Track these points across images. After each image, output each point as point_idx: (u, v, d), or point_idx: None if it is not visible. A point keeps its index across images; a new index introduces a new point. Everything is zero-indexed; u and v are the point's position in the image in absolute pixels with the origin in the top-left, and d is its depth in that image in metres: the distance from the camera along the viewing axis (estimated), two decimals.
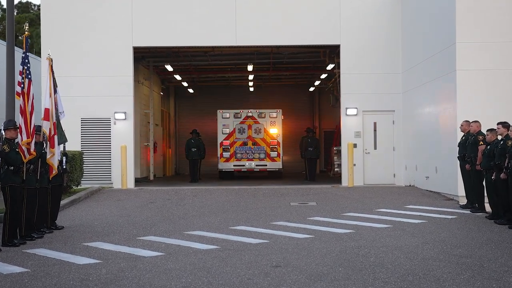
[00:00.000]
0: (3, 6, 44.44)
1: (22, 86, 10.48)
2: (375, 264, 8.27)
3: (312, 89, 30.78)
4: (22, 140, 10.13)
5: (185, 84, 29.67)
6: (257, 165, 24.39)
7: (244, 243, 9.94)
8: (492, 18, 15.37)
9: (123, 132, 19.75)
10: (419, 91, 18.37)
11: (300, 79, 30.21)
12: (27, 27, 11.04)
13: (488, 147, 12.41)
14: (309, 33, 20.07)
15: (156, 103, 26.64)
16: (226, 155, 24.35)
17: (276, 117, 24.68)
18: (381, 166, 19.94)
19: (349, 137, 19.93)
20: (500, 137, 12.10)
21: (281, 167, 24.58)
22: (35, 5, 55.54)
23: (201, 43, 20.41)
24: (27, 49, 10.76)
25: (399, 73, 20.01)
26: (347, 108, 19.97)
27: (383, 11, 20.16)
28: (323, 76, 26.73)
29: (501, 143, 11.84)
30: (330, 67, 24.03)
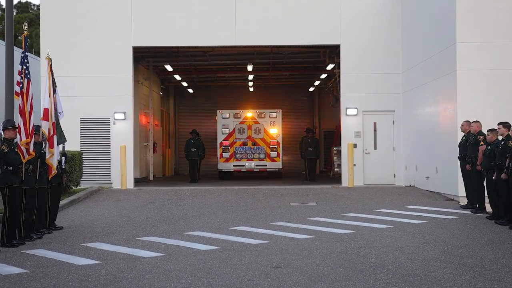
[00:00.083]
0: (2, 6, 44.40)
1: (21, 86, 10.46)
2: (376, 264, 8.23)
3: (312, 89, 30.75)
4: (21, 140, 10.10)
5: (185, 84, 29.64)
6: (257, 165, 24.36)
7: (244, 244, 9.90)
8: (492, 18, 15.35)
9: (122, 132, 19.72)
10: (419, 91, 18.34)
11: (300, 79, 30.18)
12: (26, 27, 11.01)
13: (488, 147, 12.38)
14: (309, 33, 20.04)
15: (155, 103, 26.61)
16: (225, 155, 24.33)
17: (276, 117, 24.65)
18: (381, 166, 19.92)
19: (349, 137, 19.90)
20: (500, 137, 12.07)
21: (280, 167, 24.54)
22: (34, 5, 55.52)
23: (200, 42, 20.38)
24: (26, 49, 10.73)
25: (399, 73, 19.98)
26: (347, 108, 19.95)
27: (383, 11, 20.13)
28: (323, 76, 26.70)
29: (502, 143, 11.82)
30: (330, 67, 24.00)
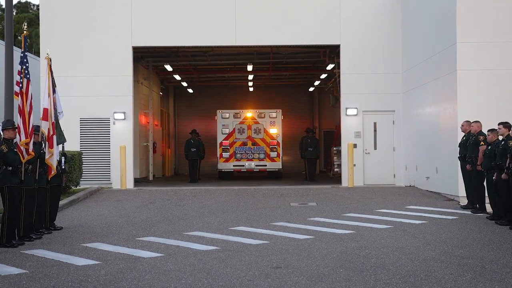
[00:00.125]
0: (2, 6, 44.38)
1: (20, 85, 10.43)
2: (376, 265, 8.21)
3: (311, 89, 30.74)
4: (20, 140, 10.07)
5: (185, 84, 29.62)
6: (256, 165, 24.33)
7: (244, 244, 9.88)
8: (492, 17, 15.33)
9: (122, 132, 19.70)
10: (419, 91, 18.32)
11: (300, 79, 30.16)
12: (25, 27, 10.99)
13: (489, 147, 12.36)
14: (309, 33, 20.01)
15: (155, 103, 26.58)
16: (225, 155, 24.30)
17: (275, 117, 24.63)
18: (381, 166, 19.90)
19: (349, 137, 19.88)
20: (501, 138, 12.05)
21: (280, 167, 24.52)
22: (34, 5, 55.50)
23: (200, 42, 20.35)
24: (26, 49, 10.70)
25: (399, 73, 19.96)
26: (347, 108, 19.93)
27: (383, 11, 20.11)
28: (323, 76, 26.68)
29: (502, 143, 11.80)
30: (330, 67, 23.99)
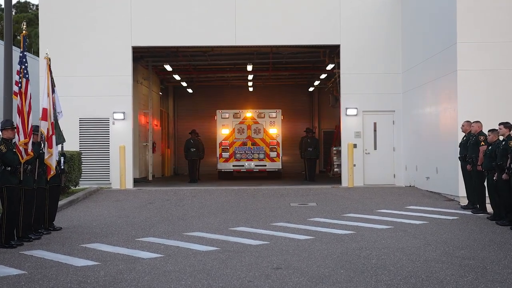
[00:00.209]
0: (1, 5, 44.34)
1: (19, 85, 10.39)
2: (377, 266, 8.17)
3: (311, 89, 30.70)
4: (19, 140, 10.03)
5: (184, 84, 29.57)
6: (256, 166, 24.29)
7: (244, 245, 9.84)
8: (492, 17, 15.30)
9: (121, 132, 19.65)
10: (419, 91, 18.28)
11: (299, 79, 30.13)
12: (24, 27, 10.95)
13: (489, 147, 12.32)
14: (309, 33, 19.98)
15: (155, 103, 26.54)
16: (225, 155, 24.26)
17: (275, 117, 24.60)
18: (381, 166, 19.86)
19: (349, 137, 19.84)
20: (501, 138, 12.02)
21: (280, 168, 24.48)
22: (33, 5, 55.46)
23: (200, 42, 20.32)
24: (25, 49, 10.66)
25: (399, 73, 19.93)
26: (347, 108, 19.89)
27: (383, 11, 20.08)
28: (323, 76, 26.65)
29: (503, 143, 11.76)
30: (330, 67, 23.95)
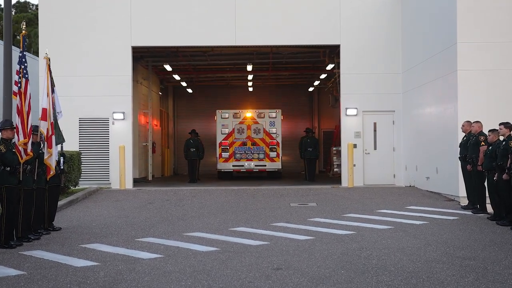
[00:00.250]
0: (0, 5, 44.28)
1: (19, 85, 10.36)
2: (378, 266, 8.14)
3: (311, 89, 30.68)
4: (19, 140, 10.00)
5: (184, 84, 29.55)
6: (256, 166, 24.27)
7: (244, 245, 9.81)
8: (492, 17, 15.28)
9: (121, 132, 19.62)
10: (420, 91, 18.26)
11: (299, 79, 30.10)
12: (24, 26, 10.93)
13: (490, 147, 12.30)
14: (309, 33, 19.95)
15: (154, 103, 26.51)
16: (225, 155, 24.24)
17: (275, 117, 24.57)
18: (381, 166, 19.84)
19: (349, 137, 19.82)
20: (502, 138, 12.00)
21: (280, 168, 24.46)
22: (33, 5, 55.43)
23: (200, 42, 20.29)
24: (25, 48, 10.63)
25: (399, 73, 19.91)
26: (347, 108, 19.87)
27: (383, 11, 20.06)
28: (323, 76, 26.63)
29: (503, 143, 11.75)
30: (330, 67, 23.93)
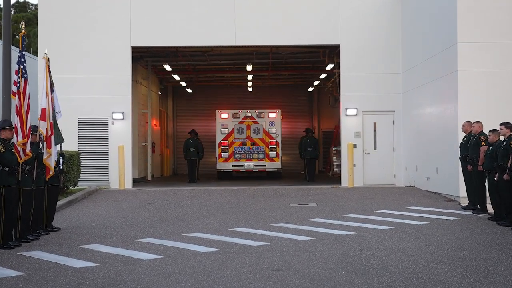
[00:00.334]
0: (0, 5, 44.21)
1: (18, 85, 10.32)
2: (379, 267, 8.10)
3: (311, 89, 30.65)
4: (17, 140, 9.96)
5: (184, 84, 29.51)
6: (256, 166, 24.24)
7: (244, 246, 9.76)
8: (492, 17, 15.25)
9: (120, 132, 19.58)
10: (420, 92, 18.23)
11: (299, 79, 30.07)
12: (23, 26, 10.89)
13: (490, 148, 12.27)
14: (309, 33, 19.91)
15: (154, 103, 26.47)
16: (224, 155, 24.21)
17: (275, 117, 24.55)
18: (381, 166, 19.81)
19: (349, 137, 19.78)
20: (502, 138, 11.97)
21: (280, 168, 24.42)
22: (32, 5, 55.37)
23: (200, 42, 20.25)
24: (24, 48, 10.59)
25: (399, 73, 19.87)
26: (346, 108, 19.83)
27: (383, 11, 20.02)
28: (322, 76, 26.59)
29: (504, 143, 11.71)
30: (329, 67, 23.90)
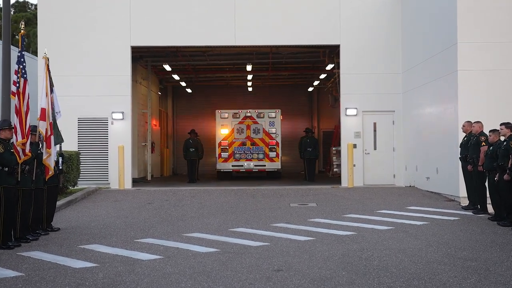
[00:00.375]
0: None
1: (17, 85, 10.29)
2: (379, 267, 8.08)
3: (311, 89, 30.63)
4: (17, 140, 9.94)
5: (183, 84, 29.49)
6: (255, 166, 24.21)
7: (244, 246, 9.74)
8: (492, 17, 15.23)
9: (120, 132, 19.55)
10: (420, 92, 18.21)
11: (299, 79, 30.05)
12: (23, 26, 10.86)
13: (490, 148, 12.25)
14: (309, 33, 19.89)
15: (154, 103, 26.45)
16: (224, 155, 24.19)
17: (274, 117, 24.52)
18: (381, 166, 19.79)
19: (348, 137, 19.76)
20: (503, 138, 11.95)
21: (279, 168, 24.40)
22: (32, 5, 55.32)
23: (200, 42, 20.22)
24: (23, 48, 10.56)
25: (399, 73, 19.85)
26: (346, 108, 19.81)
27: (383, 11, 20.00)
28: (322, 76, 26.57)
29: (504, 144, 11.69)
30: (329, 67, 23.88)
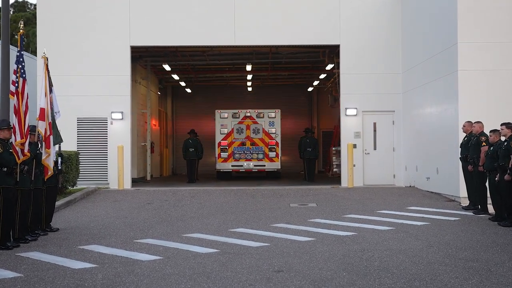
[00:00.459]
0: None
1: (16, 85, 10.25)
2: (380, 268, 8.04)
3: (310, 89, 30.60)
4: (16, 140, 9.89)
5: (183, 83, 29.46)
6: (255, 166, 24.17)
7: (244, 247, 9.70)
8: (492, 17, 15.20)
9: (120, 132, 19.51)
10: (420, 92, 18.17)
11: (298, 79, 30.02)
12: (22, 26, 10.81)
13: (491, 148, 12.21)
14: (308, 33, 19.85)
15: (153, 102, 26.41)
16: (224, 155, 24.15)
17: (274, 117, 24.48)
18: (381, 166, 19.75)
19: (348, 137, 19.73)
20: (503, 138, 11.91)
21: (279, 168, 24.36)
22: (31, 4, 55.27)
23: (199, 42, 20.19)
24: (22, 48, 10.52)
25: (399, 73, 19.81)
26: (346, 108, 19.77)
27: (383, 11, 19.97)
28: (322, 76, 26.54)
29: (505, 144, 11.66)
30: (329, 67, 23.85)
